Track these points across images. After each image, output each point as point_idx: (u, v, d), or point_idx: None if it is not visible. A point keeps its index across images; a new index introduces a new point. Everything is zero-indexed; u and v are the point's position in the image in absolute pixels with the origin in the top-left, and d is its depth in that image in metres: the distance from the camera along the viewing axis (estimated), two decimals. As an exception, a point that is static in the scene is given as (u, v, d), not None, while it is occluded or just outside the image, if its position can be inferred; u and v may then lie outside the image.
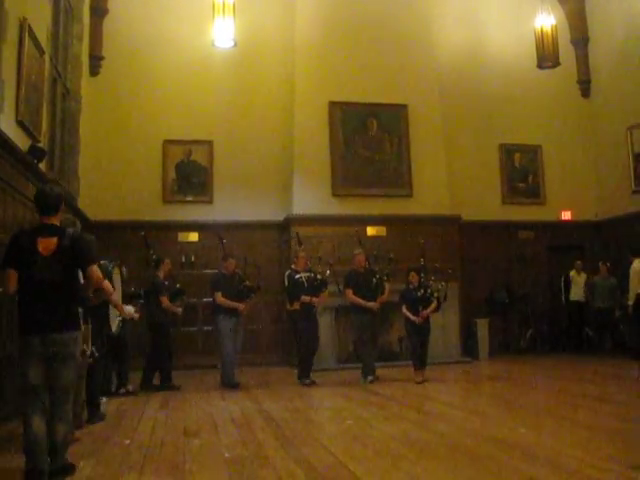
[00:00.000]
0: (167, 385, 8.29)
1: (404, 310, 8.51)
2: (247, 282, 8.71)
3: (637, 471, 3.76)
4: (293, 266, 8.94)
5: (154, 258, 8.60)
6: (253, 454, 4.55)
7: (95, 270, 4.14)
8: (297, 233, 9.49)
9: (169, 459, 4.44)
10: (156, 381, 8.34)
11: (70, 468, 4.07)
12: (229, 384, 8.30)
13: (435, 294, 8.55)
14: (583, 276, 11.98)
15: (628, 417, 5.60)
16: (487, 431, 5.14)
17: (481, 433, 5.07)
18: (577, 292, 11.95)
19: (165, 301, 8.30)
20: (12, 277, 3.98)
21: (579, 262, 12.10)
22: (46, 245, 3.98)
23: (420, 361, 8.50)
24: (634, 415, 5.70)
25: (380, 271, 9.12)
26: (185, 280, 9.73)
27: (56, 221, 4.14)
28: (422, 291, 8.43)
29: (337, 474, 3.93)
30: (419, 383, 8.23)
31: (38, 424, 3.86)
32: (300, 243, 9.27)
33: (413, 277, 8.57)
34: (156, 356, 8.37)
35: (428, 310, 8.41)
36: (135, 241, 9.49)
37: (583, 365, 10.37)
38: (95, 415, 5.92)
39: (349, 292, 8.74)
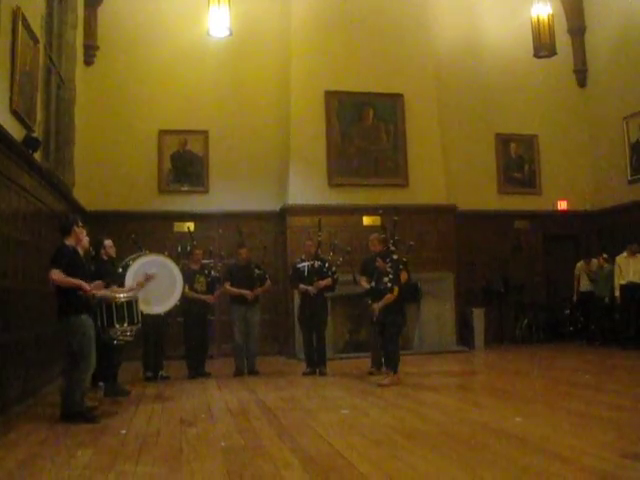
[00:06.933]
0: (198, 373, 8.47)
1: None
2: (257, 270, 8.86)
3: (631, 459, 3.79)
4: (303, 255, 8.88)
5: (188, 249, 8.97)
6: (249, 443, 4.56)
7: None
8: (319, 219, 9.22)
9: (166, 448, 4.45)
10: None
11: (78, 416, 5.38)
12: (237, 372, 8.58)
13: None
14: (593, 265, 11.58)
15: (622, 406, 5.63)
16: (483, 420, 5.17)
17: (477, 422, 5.09)
18: (585, 283, 11.66)
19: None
20: None
21: (587, 253, 11.82)
22: None
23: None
24: (628, 404, 5.73)
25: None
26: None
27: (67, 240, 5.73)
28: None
29: (333, 463, 3.94)
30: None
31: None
32: (319, 229, 9.06)
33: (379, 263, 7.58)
34: (185, 344, 8.69)
35: (381, 303, 7.39)
36: (129, 231, 9.50)
37: (577, 354, 10.42)
38: (108, 389, 6.86)
39: (361, 279, 8.25)
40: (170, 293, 7.57)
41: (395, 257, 7.58)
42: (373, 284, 7.62)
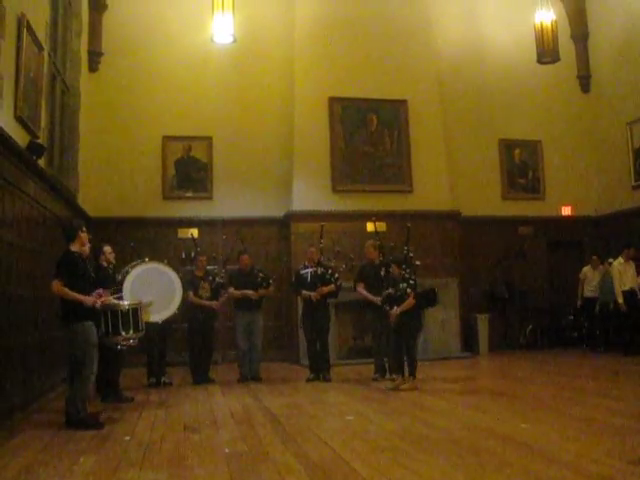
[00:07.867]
0: (203, 379, 8.48)
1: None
2: (261, 274, 8.92)
3: (636, 466, 3.76)
4: (306, 262, 8.90)
5: (192, 255, 9.15)
6: (253, 449, 4.55)
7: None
8: (322, 226, 9.23)
9: (169, 455, 4.44)
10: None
11: (81, 423, 5.40)
12: (241, 378, 8.58)
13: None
14: (600, 271, 11.44)
15: (627, 412, 5.60)
16: (487, 426, 5.15)
17: (481, 428, 5.07)
18: (589, 288, 11.54)
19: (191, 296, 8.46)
20: None
21: (595, 257, 11.65)
22: None
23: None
24: (632, 410, 5.71)
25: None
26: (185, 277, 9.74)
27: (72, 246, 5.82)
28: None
29: (337, 469, 3.93)
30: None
31: None
32: (321, 236, 9.11)
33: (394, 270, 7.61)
34: (189, 351, 8.71)
35: (399, 309, 7.41)
36: (132, 238, 9.54)
37: (582, 360, 10.39)
38: (109, 395, 6.90)
39: (359, 286, 8.44)
40: (169, 301, 7.57)
41: (418, 262, 7.66)
42: (391, 290, 7.58)
